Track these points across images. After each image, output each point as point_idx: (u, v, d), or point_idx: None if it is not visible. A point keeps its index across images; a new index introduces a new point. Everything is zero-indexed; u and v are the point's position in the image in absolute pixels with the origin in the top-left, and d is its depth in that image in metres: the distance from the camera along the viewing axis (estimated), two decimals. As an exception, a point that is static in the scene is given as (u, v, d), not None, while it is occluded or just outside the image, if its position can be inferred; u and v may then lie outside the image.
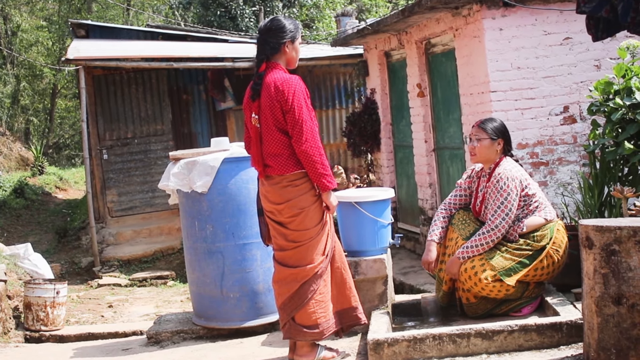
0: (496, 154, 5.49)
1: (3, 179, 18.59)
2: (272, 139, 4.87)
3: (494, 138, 5.48)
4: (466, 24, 9.08)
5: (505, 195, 5.29)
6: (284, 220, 4.94)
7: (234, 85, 15.67)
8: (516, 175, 5.36)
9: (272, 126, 4.85)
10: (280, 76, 4.93)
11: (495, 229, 5.26)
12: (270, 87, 4.85)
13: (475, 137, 5.54)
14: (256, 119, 4.89)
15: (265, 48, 4.98)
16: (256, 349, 5.69)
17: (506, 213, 5.27)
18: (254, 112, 4.90)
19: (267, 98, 4.85)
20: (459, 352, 4.74)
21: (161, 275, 11.55)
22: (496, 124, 5.56)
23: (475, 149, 5.53)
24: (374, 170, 13.58)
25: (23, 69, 33.61)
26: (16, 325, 7.70)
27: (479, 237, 5.29)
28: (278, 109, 4.83)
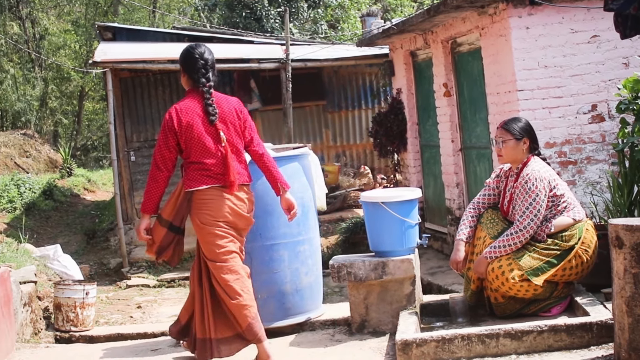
0: (523, 153, 5.46)
1: (32, 181, 18.75)
2: (239, 154, 5.45)
3: (519, 138, 5.44)
4: (492, 22, 9.04)
5: (534, 197, 5.25)
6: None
7: (260, 87, 15.71)
8: (544, 176, 5.32)
9: (236, 139, 5.42)
10: (231, 98, 5.63)
11: (524, 229, 5.23)
12: (232, 104, 5.50)
13: (499, 138, 5.52)
14: (223, 136, 5.33)
15: (212, 74, 5.55)
16: (284, 349, 5.70)
17: (534, 214, 5.23)
18: (221, 130, 5.34)
19: (231, 115, 5.44)
20: (487, 353, 4.72)
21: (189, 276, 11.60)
22: (520, 123, 5.52)
23: (501, 150, 5.51)
24: (400, 170, 13.56)
25: (51, 72, 33.92)
26: (46, 325, 7.75)
27: (507, 238, 5.27)
28: (240, 124, 5.46)
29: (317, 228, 6.37)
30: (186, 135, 5.33)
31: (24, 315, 7.17)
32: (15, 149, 25.94)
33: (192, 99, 5.46)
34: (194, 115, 5.35)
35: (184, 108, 5.39)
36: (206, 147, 5.33)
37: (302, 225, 6.12)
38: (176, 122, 5.34)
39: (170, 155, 5.40)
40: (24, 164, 25.13)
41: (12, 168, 23.61)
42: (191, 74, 5.54)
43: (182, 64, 5.65)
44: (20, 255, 8.98)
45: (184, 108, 5.39)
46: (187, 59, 5.63)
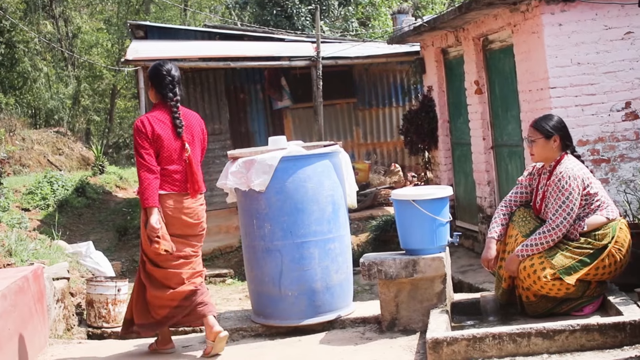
0: (553, 151, 5.41)
1: (65, 179, 18.91)
2: (199, 164, 5.97)
3: (548, 136, 5.40)
4: (524, 19, 8.98)
5: (567, 195, 5.21)
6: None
7: (290, 84, 15.74)
8: (578, 174, 5.27)
9: (199, 153, 6.02)
10: (194, 113, 6.15)
11: (556, 228, 5.19)
12: (196, 121, 6.04)
13: (530, 137, 5.49)
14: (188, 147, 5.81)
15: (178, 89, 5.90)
16: (315, 347, 5.70)
17: (567, 213, 5.19)
18: (187, 141, 5.82)
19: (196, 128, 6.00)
20: (519, 352, 4.69)
21: (220, 274, 11.65)
22: (551, 121, 5.47)
23: (532, 149, 5.48)
24: (431, 168, 13.51)
25: (83, 70, 34.23)
26: (79, 322, 7.83)
27: (539, 236, 5.23)
28: (201, 140, 6.07)
29: (347, 226, 6.36)
30: (156, 144, 5.71)
31: (57, 311, 7.24)
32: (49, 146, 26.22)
33: (160, 111, 5.83)
34: (164, 126, 5.76)
35: (154, 119, 5.77)
36: (172, 156, 5.77)
37: (332, 223, 6.11)
38: (149, 130, 5.71)
39: (153, 158, 5.71)
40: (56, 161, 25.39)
41: (45, 165, 23.86)
42: (159, 89, 5.86)
43: (151, 79, 5.93)
44: (53, 252, 9.07)
45: (154, 119, 5.77)
46: (155, 75, 5.90)
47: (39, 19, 31.40)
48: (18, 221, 11.30)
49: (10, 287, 5.87)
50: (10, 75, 28.72)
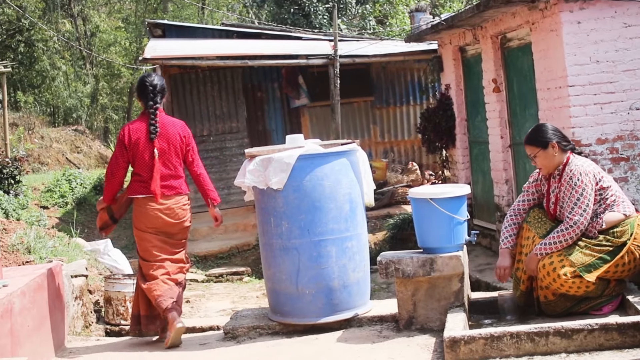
0: (557, 157, 5.44)
1: (83, 177, 19.00)
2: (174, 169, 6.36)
3: (545, 146, 5.42)
4: (543, 17, 8.94)
5: (581, 191, 5.21)
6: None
7: (308, 83, 15.74)
8: (588, 170, 5.28)
9: (173, 156, 6.35)
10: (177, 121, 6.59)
11: (574, 225, 5.18)
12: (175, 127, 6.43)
13: (530, 155, 5.55)
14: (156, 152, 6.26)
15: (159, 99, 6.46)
16: (332, 345, 5.70)
17: (583, 209, 5.19)
18: (157, 147, 6.27)
19: (173, 136, 6.37)
20: (537, 351, 4.67)
21: (237, 271, 11.67)
22: (540, 131, 5.52)
23: (536, 164, 5.54)
24: (448, 166, 13.48)
25: (102, 69, 34.38)
26: (97, 319, 7.87)
27: (558, 235, 5.22)
28: (181, 145, 6.40)
29: (364, 224, 6.36)
30: (133, 150, 6.29)
31: (76, 308, 7.28)
32: (67, 144, 26.36)
33: (142, 118, 6.40)
34: (141, 133, 6.31)
35: (133, 127, 6.37)
36: (145, 161, 6.29)
37: (350, 221, 6.11)
38: (127, 138, 6.30)
39: (123, 164, 6.33)
40: (75, 159, 25.53)
41: (64, 163, 23.99)
42: (142, 98, 6.45)
43: (136, 89, 6.58)
44: (72, 249, 9.12)
45: (133, 127, 6.37)
46: (139, 86, 6.49)
47: (58, 18, 31.56)
48: (37, 219, 11.37)
49: (29, 284, 5.91)
50: (29, 73, 28.89)
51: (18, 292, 5.65)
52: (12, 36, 27.97)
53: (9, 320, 5.38)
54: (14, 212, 11.04)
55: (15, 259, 7.67)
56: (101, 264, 9.23)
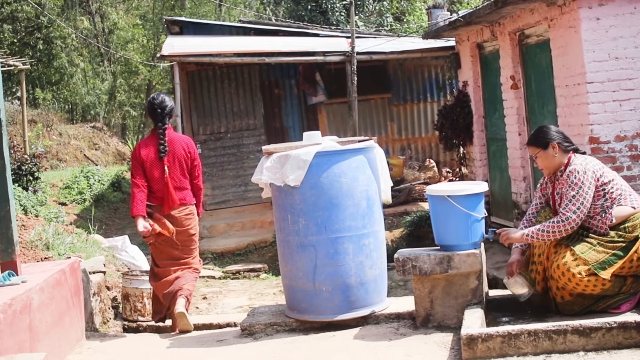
0: (558, 157, 5.48)
1: (101, 173, 19.09)
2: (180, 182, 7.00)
3: (545, 147, 5.46)
4: (561, 14, 8.90)
5: (577, 189, 5.25)
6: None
7: (325, 79, 15.72)
8: (587, 168, 5.31)
9: (178, 171, 6.98)
10: (184, 137, 7.30)
11: (566, 220, 5.23)
12: (181, 143, 7.06)
13: (532, 155, 5.62)
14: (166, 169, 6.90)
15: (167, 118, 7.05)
16: (349, 342, 5.71)
17: (577, 207, 5.23)
18: (166, 164, 6.91)
19: (179, 152, 6.99)
20: (555, 349, 4.66)
21: (254, 268, 11.68)
22: (541, 132, 5.56)
23: (538, 165, 5.59)
24: (466, 163, 13.44)
25: (119, 66, 34.50)
26: (115, 315, 7.90)
27: (550, 225, 5.28)
28: (187, 161, 7.03)
29: (382, 221, 6.35)
30: (143, 165, 6.93)
31: (94, 304, 7.32)
32: (85, 141, 26.48)
33: (152, 135, 7.08)
34: (150, 150, 6.97)
35: (144, 144, 7.09)
36: (154, 175, 6.93)
37: (367, 218, 6.11)
38: (137, 153, 6.98)
39: (140, 176, 6.90)
40: (93, 156, 25.64)
41: (82, 160, 24.11)
42: (152, 118, 7.09)
43: (146, 110, 7.55)
44: (90, 245, 9.17)
45: (144, 144, 7.09)
46: (149, 108, 7.12)
47: (76, 15, 31.69)
48: (55, 215, 11.43)
49: (47, 280, 5.94)
50: (48, 70, 29.03)
51: (37, 288, 5.69)
52: (30, 33, 28.11)
53: (27, 315, 5.41)
54: (33, 209, 11.10)
55: (34, 255, 7.72)
56: (119, 261, 9.26)
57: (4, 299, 5.22)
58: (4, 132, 6.03)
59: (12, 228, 6.02)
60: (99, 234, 10.85)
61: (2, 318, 5.01)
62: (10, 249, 6.02)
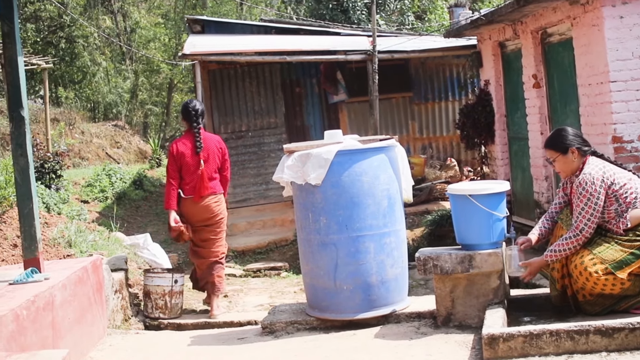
0: (575, 162, 5.45)
1: (123, 171, 19.17)
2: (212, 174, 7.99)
3: (565, 151, 5.43)
4: (584, 12, 8.84)
5: (585, 201, 5.24)
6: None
7: (346, 78, 15.71)
8: (597, 176, 5.26)
9: (213, 165, 7.98)
10: (215, 136, 8.33)
11: (580, 234, 5.25)
12: (214, 141, 8.09)
13: (549, 158, 5.58)
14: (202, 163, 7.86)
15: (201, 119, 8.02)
16: (369, 341, 5.70)
17: (588, 218, 5.23)
18: (203, 158, 7.87)
19: (212, 149, 8.00)
20: (577, 349, 4.63)
21: (275, 267, 11.69)
22: (561, 136, 5.51)
23: (555, 168, 5.57)
24: (487, 162, 13.39)
25: (141, 65, 34.62)
26: (136, 312, 7.93)
27: (565, 242, 5.30)
28: (219, 156, 8.06)
29: (403, 220, 6.34)
30: (180, 161, 7.89)
31: (115, 302, 7.35)
32: (107, 139, 26.61)
33: (188, 135, 8.01)
34: (187, 147, 7.92)
35: (181, 142, 8.02)
36: (191, 170, 7.88)
37: (388, 217, 6.10)
38: (175, 151, 7.92)
39: (175, 173, 7.91)
40: (115, 154, 25.77)
41: (104, 158, 24.23)
42: (186, 120, 8.05)
43: (181, 113, 8.20)
44: (112, 243, 9.21)
45: (181, 142, 8.02)
46: (184, 111, 8.06)
47: (98, 14, 31.85)
48: (77, 213, 11.49)
49: (70, 278, 5.98)
50: (70, 69, 29.20)
51: (59, 285, 5.72)
52: (53, 32, 28.28)
53: (50, 312, 5.45)
54: (55, 207, 11.16)
55: (56, 252, 7.77)
56: (140, 258, 9.30)
57: (27, 295, 5.27)
58: (27, 130, 6.08)
59: (35, 225, 6.06)
60: (120, 231, 10.89)
61: (26, 315, 5.05)
62: (33, 246, 6.07)
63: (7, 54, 6.09)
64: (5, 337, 4.73)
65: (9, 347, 4.74)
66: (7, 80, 6.17)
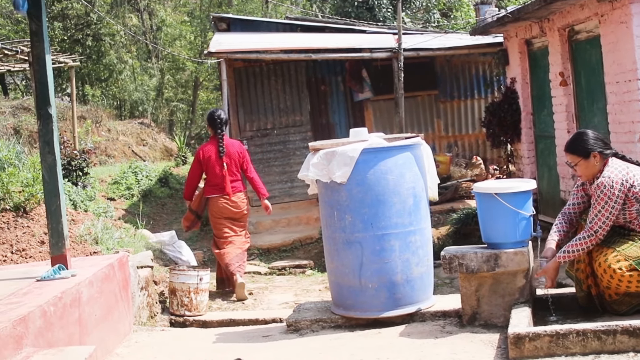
0: (597, 165, 5.39)
1: (149, 169, 19.25)
2: (235, 175, 9.14)
3: (587, 156, 5.36)
4: (612, 9, 8.77)
5: (603, 204, 5.21)
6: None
7: (371, 76, 15.69)
8: (616, 180, 5.21)
9: (235, 167, 9.13)
10: (236, 141, 9.54)
11: (594, 235, 5.24)
12: (235, 147, 9.25)
13: (570, 162, 5.52)
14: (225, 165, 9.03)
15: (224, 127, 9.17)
16: (394, 339, 5.69)
17: (603, 221, 5.21)
18: (225, 162, 9.03)
19: (234, 153, 9.15)
20: (604, 349, 4.60)
21: (300, 264, 11.70)
22: (582, 141, 5.43)
23: (576, 172, 5.52)
24: (513, 161, 13.33)
25: (167, 62, 34.77)
26: (162, 309, 7.97)
27: (579, 242, 5.29)
28: (239, 159, 9.20)
29: (428, 219, 6.33)
30: (206, 164, 9.06)
31: (141, 298, 7.39)
32: (133, 137, 26.73)
33: (212, 141, 9.18)
34: (211, 151, 9.09)
35: (206, 147, 9.20)
36: (215, 171, 9.05)
37: (413, 215, 6.09)
38: (202, 155, 9.11)
39: (198, 173, 9.17)
40: (140, 152, 25.88)
41: (130, 156, 24.34)
42: (212, 127, 9.20)
43: (207, 121, 9.30)
44: (138, 240, 9.26)
45: (206, 147, 9.20)
46: (210, 119, 9.20)
47: (125, 13, 32.03)
48: (104, 210, 11.56)
49: (96, 275, 6.02)
50: (97, 67, 29.37)
51: (86, 282, 5.76)
52: (80, 30, 28.46)
53: (77, 309, 5.49)
54: (82, 204, 11.24)
55: (83, 249, 7.82)
56: (166, 256, 9.36)
57: (54, 292, 5.31)
58: (55, 128, 6.13)
59: (63, 222, 6.11)
60: (146, 229, 10.96)
61: (53, 311, 5.09)
62: (60, 243, 6.12)
63: (35, 52, 6.14)
64: (33, 333, 4.77)
65: (37, 342, 4.79)
66: (35, 78, 6.22)
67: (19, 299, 5.22)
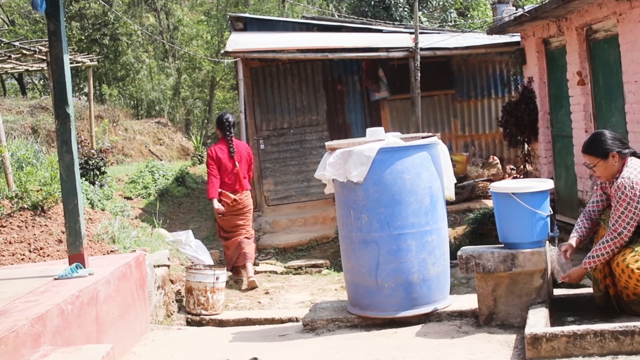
0: (616, 165, 5.36)
1: (166, 168, 19.31)
2: (245, 173, 9.98)
3: (605, 156, 5.33)
4: (631, 8, 8.71)
5: (625, 205, 5.18)
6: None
7: (388, 76, 15.66)
8: (636, 180, 5.21)
9: (245, 167, 9.95)
10: (243, 143, 10.58)
11: (619, 237, 5.20)
12: (243, 148, 10.13)
13: (589, 164, 5.48)
14: (237, 164, 9.79)
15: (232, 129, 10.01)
16: (410, 339, 5.69)
17: (627, 222, 5.18)
18: (237, 160, 9.83)
19: (244, 154, 10.03)
20: (621, 350, 4.58)
21: (316, 264, 11.70)
22: (600, 141, 5.40)
23: (595, 173, 5.48)
24: (531, 160, 13.27)
25: (184, 62, 34.84)
26: (178, 308, 7.99)
27: (603, 246, 5.25)
28: (247, 160, 10.08)
29: (445, 218, 6.32)
30: (218, 164, 9.82)
31: (158, 297, 7.41)
32: (150, 136, 26.82)
33: (222, 142, 9.96)
34: (223, 152, 9.86)
35: (218, 148, 9.95)
36: (227, 170, 9.84)
37: (430, 215, 6.08)
38: (215, 155, 9.84)
39: (215, 171, 9.81)
40: (157, 151, 25.96)
41: (147, 155, 24.42)
42: (221, 129, 10.03)
43: (217, 124, 10.19)
44: (155, 239, 9.29)
45: (218, 148, 9.95)
46: (219, 122, 10.08)
47: (142, 12, 32.12)
48: (121, 209, 11.61)
49: (113, 273, 6.04)
50: (114, 67, 29.48)
51: (103, 281, 5.79)
52: (98, 30, 28.59)
53: (94, 307, 5.51)
54: (99, 203, 11.30)
55: (100, 248, 7.86)
56: (183, 255, 9.37)
57: (71, 290, 5.33)
58: (72, 127, 6.15)
59: (80, 221, 6.14)
60: (163, 228, 10.98)
61: (70, 309, 5.11)
62: (77, 241, 6.14)
63: (53, 52, 6.17)
64: (51, 332, 4.79)
65: (54, 341, 4.81)
66: (53, 78, 6.25)
67: (37, 297, 5.25)
